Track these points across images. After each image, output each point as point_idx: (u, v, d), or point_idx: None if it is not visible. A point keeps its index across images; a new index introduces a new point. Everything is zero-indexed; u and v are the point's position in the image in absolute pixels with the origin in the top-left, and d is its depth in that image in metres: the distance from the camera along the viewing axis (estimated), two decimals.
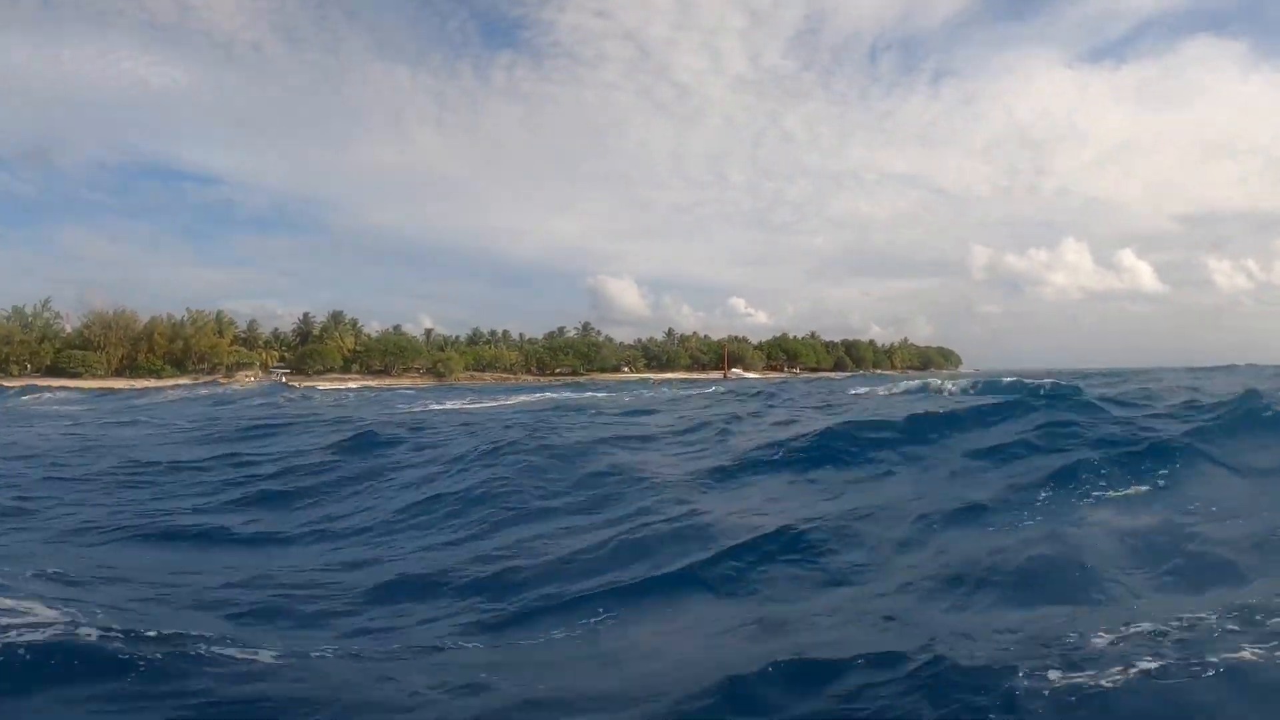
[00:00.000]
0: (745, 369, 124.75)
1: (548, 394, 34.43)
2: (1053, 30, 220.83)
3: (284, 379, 71.22)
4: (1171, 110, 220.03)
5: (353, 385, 66.51)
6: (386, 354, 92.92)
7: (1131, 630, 3.96)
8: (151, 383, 69.27)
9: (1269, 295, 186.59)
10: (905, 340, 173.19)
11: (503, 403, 25.93)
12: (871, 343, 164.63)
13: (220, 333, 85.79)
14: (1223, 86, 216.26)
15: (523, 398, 31.64)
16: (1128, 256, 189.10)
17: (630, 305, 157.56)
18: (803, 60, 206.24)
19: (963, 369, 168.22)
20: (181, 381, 68.96)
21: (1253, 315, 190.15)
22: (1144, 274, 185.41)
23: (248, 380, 65.81)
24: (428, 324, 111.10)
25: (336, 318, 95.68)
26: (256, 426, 18.97)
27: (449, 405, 25.38)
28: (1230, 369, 39.14)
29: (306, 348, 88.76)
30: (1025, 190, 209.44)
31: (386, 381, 79.67)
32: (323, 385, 64.79)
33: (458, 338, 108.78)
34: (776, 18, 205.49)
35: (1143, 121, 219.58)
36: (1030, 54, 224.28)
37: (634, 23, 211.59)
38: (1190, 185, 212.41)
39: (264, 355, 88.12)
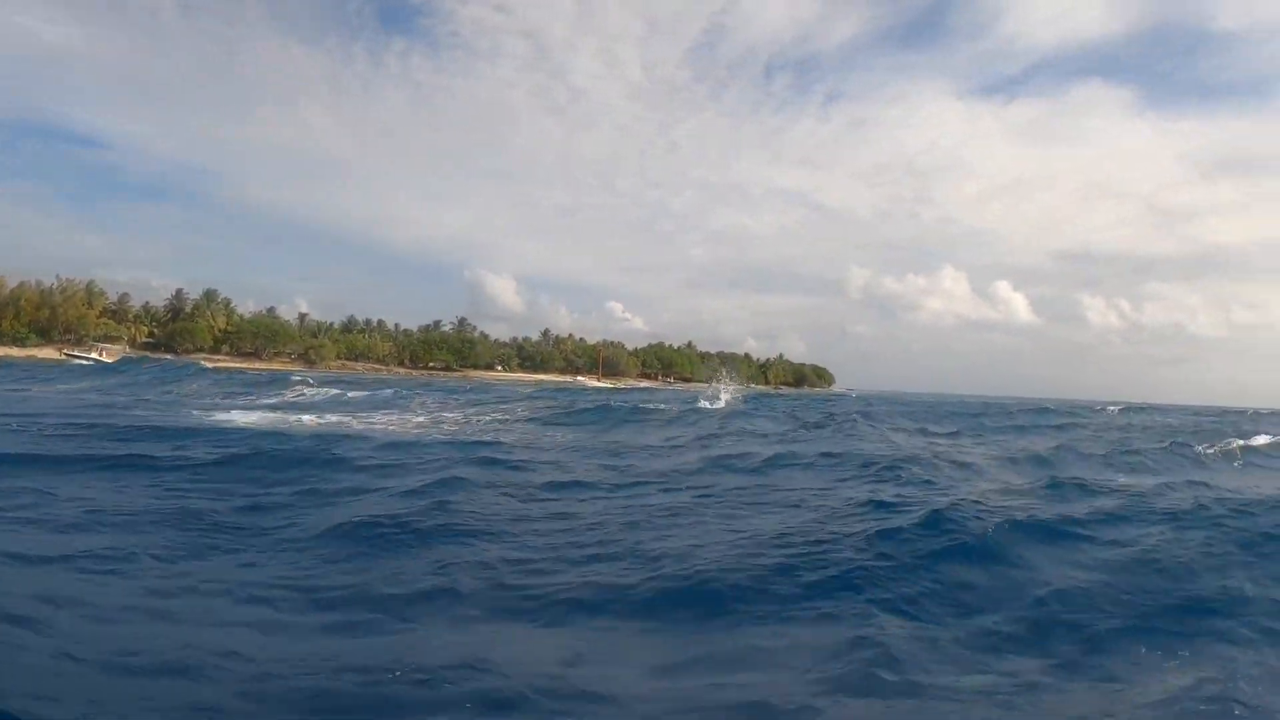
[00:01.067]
0: (619, 375, 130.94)
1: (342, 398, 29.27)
2: (947, 62, 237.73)
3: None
4: (1057, 150, 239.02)
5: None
6: (258, 336, 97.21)
7: None
8: (14, 351, 72.84)
9: (1138, 336, 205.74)
10: (781, 356, 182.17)
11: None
12: (747, 356, 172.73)
13: (90, 303, 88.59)
14: (1109, 131, 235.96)
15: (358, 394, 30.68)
16: (1004, 288, 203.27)
17: (508, 302, 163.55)
18: (698, 72, 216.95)
19: (834, 388, 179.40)
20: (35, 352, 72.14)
21: (1121, 355, 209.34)
22: (1019, 306, 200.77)
23: (107, 355, 69.23)
24: (304, 307, 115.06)
25: (210, 296, 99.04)
26: None
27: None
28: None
29: (177, 325, 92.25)
30: (907, 216, 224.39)
31: (255, 364, 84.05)
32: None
33: (332, 324, 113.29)
34: (676, 29, 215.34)
35: (1028, 159, 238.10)
36: (923, 84, 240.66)
37: (534, 21, 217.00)
38: (1070, 224, 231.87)
39: (133, 330, 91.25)
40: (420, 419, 21.23)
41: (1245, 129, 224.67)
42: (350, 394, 31.25)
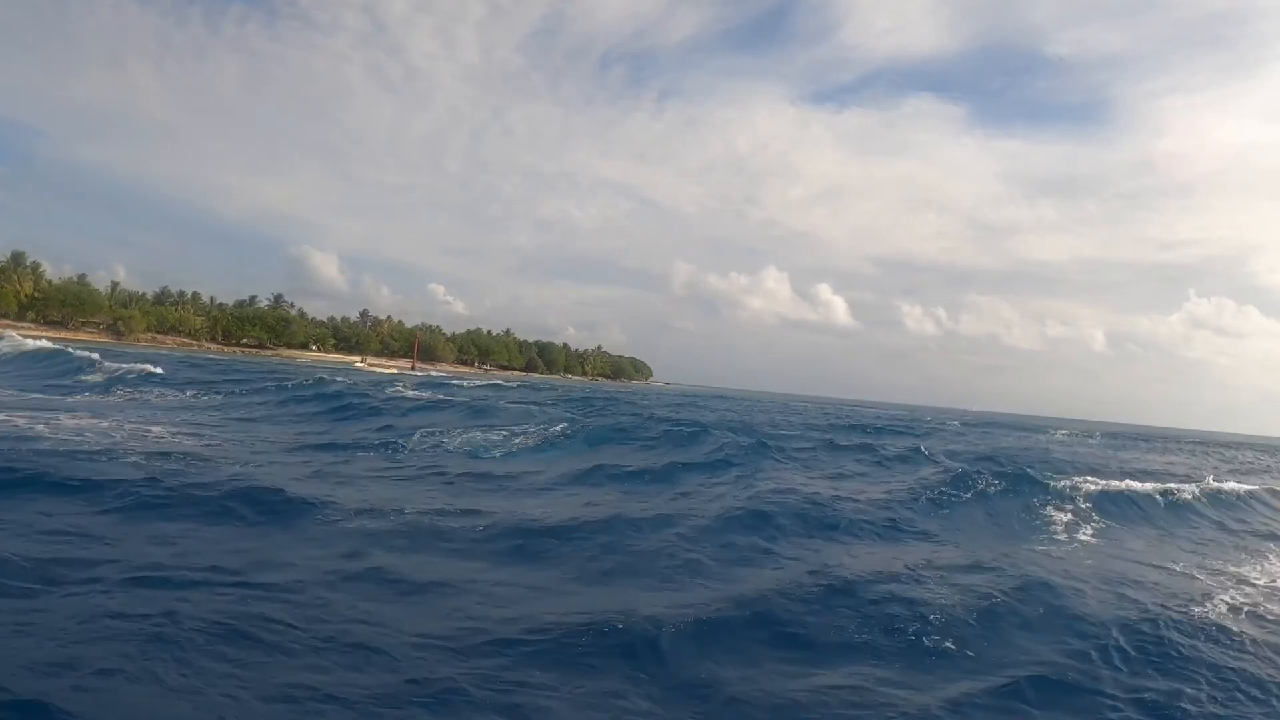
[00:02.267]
0: (435, 361, 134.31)
1: None
2: (782, 68, 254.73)
3: None
4: (884, 160, 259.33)
5: None
6: (65, 305, 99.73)
7: None
8: None
9: (953, 344, 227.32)
10: (599, 347, 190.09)
11: None
12: (565, 346, 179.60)
13: None
14: (936, 145, 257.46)
15: None
16: (825, 290, 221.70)
17: (330, 279, 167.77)
18: (534, 59, 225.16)
19: (652, 381, 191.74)
20: None
21: (937, 360, 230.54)
22: (839, 309, 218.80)
23: None
24: (123, 275, 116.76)
25: (18, 259, 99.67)
26: None
27: None
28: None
29: None
30: (734, 216, 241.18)
31: (58, 334, 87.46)
32: None
33: (144, 295, 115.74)
34: (515, 14, 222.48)
35: (855, 166, 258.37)
36: (757, 88, 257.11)
37: None
38: (891, 232, 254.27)
39: None
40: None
41: (1068, 152, 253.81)
42: None
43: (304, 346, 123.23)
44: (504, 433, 18.03)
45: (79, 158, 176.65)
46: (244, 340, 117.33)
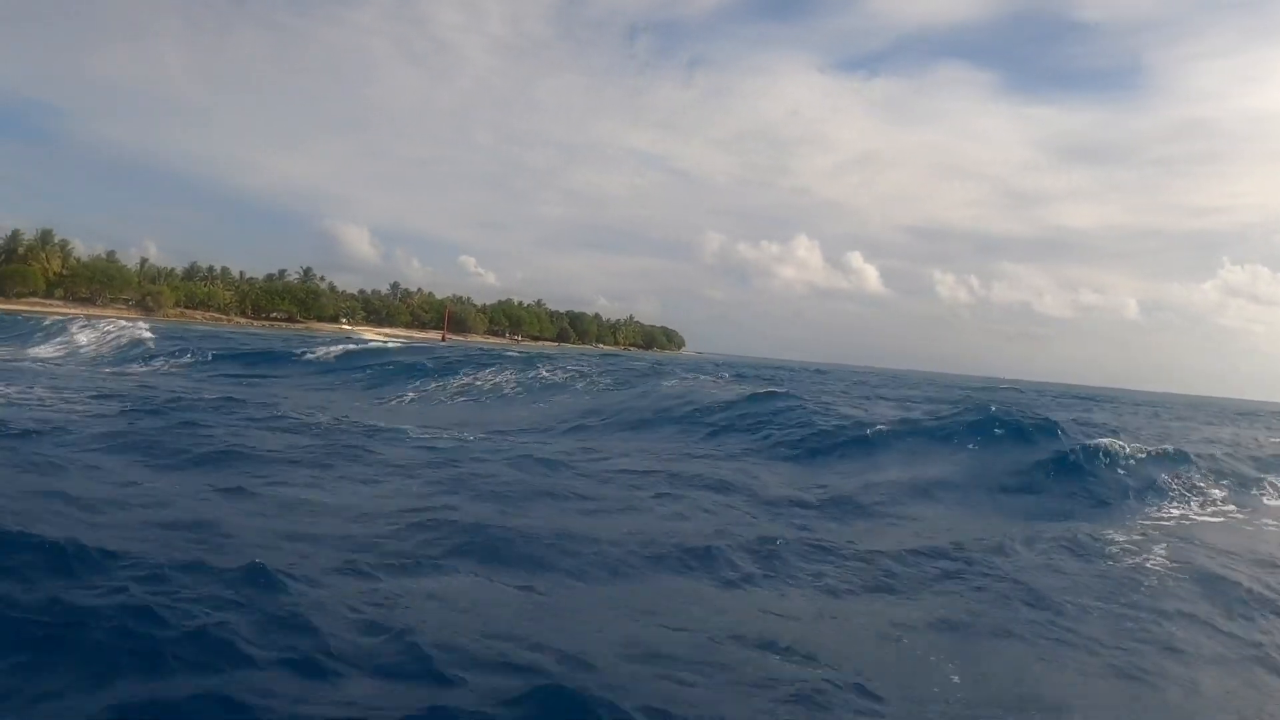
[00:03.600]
0: (467, 332, 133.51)
1: None
2: (811, 35, 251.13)
3: None
4: (914, 128, 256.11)
5: None
6: (94, 281, 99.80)
7: None
8: None
9: (985, 312, 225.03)
10: (631, 317, 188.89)
11: None
12: (597, 316, 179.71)
13: None
14: (967, 112, 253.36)
15: None
16: (856, 259, 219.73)
17: (361, 253, 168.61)
18: (561, 29, 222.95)
19: (684, 351, 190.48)
20: None
21: (969, 328, 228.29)
22: (870, 277, 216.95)
23: None
24: (153, 252, 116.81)
25: (45, 237, 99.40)
26: None
27: None
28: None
29: (8, 268, 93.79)
30: (764, 185, 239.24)
31: (87, 310, 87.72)
32: None
33: (174, 270, 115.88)
34: None
35: (886, 134, 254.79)
36: (786, 55, 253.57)
37: None
38: (923, 200, 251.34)
39: None
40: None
41: (1100, 119, 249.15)
42: None
43: (334, 320, 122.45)
44: None
45: (106, 136, 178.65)
46: (273, 314, 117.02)
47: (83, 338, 34.52)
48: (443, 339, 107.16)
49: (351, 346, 33.49)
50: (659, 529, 7.61)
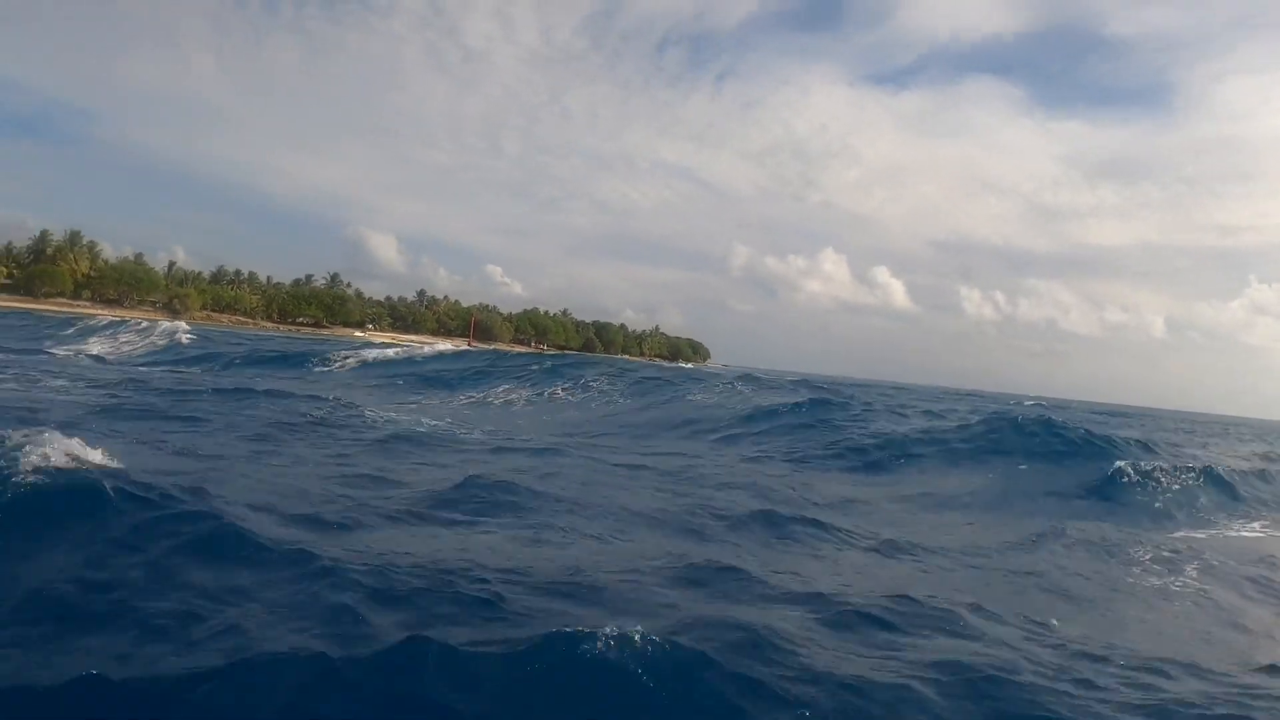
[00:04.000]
0: (492, 340, 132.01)
1: None
2: (841, 49, 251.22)
3: None
4: (943, 142, 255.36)
5: None
6: (121, 283, 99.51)
7: None
8: None
9: (1011, 328, 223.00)
10: (657, 328, 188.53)
11: None
12: (623, 326, 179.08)
13: None
14: (995, 127, 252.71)
15: None
16: (883, 273, 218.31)
17: (388, 260, 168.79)
18: (592, 41, 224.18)
19: (710, 363, 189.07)
20: None
21: (994, 345, 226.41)
22: (897, 292, 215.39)
23: None
24: (181, 256, 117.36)
25: (74, 238, 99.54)
26: None
27: None
28: None
29: (36, 268, 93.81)
30: (791, 198, 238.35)
31: (114, 311, 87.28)
32: None
33: (200, 274, 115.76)
34: None
35: (913, 148, 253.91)
36: (816, 69, 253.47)
37: None
38: (950, 215, 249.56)
39: None
40: None
41: (1129, 135, 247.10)
42: None
43: (360, 325, 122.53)
44: None
45: (136, 140, 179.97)
46: (299, 319, 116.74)
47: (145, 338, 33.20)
48: (469, 345, 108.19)
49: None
50: None
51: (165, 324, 38.09)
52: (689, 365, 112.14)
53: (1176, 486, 12.62)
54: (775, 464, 13.54)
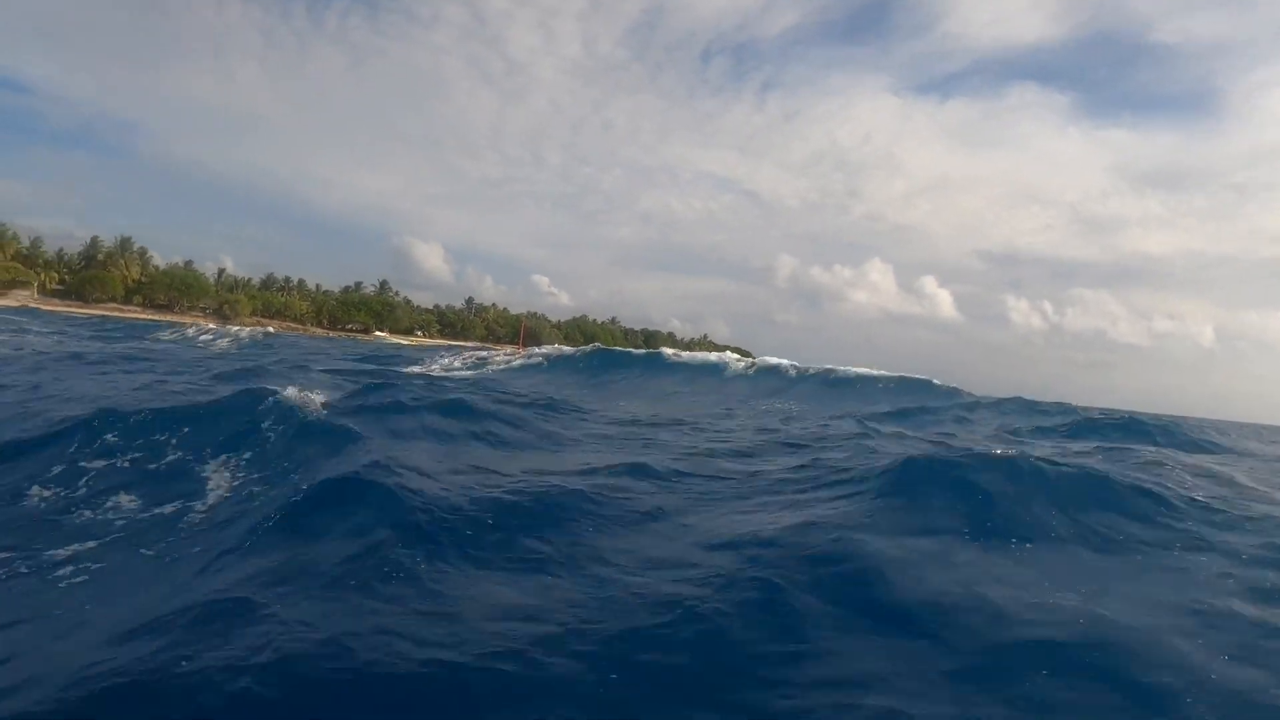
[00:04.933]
0: (539, 345, 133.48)
1: None
2: (884, 59, 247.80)
3: None
4: (988, 152, 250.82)
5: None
6: (172, 288, 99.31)
7: None
8: None
9: (1058, 338, 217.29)
10: (705, 337, 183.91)
11: None
12: (671, 335, 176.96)
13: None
14: (1041, 136, 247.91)
15: None
16: (929, 284, 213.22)
17: (434, 270, 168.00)
18: (635, 52, 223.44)
19: None
20: None
21: (1041, 355, 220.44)
22: (944, 302, 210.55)
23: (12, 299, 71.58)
24: (229, 264, 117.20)
25: (125, 244, 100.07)
26: None
27: None
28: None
29: (88, 273, 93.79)
30: (836, 209, 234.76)
31: (164, 315, 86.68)
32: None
33: (250, 280, 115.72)
34: (616, 6, 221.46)
35: (959, 158, 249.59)
36: (859, 79, 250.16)
37: None
38: (996, 225, 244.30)
39: (43, 276, 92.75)
40: None
41: (1176, 143, 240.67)
42: None
43: (409, 332, 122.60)
44: None
45: (181, 151, 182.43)
46: (349, 325, 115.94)
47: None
48: (520, 350, 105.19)
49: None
50: None
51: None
52: None
53: None
54: None
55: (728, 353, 35.07)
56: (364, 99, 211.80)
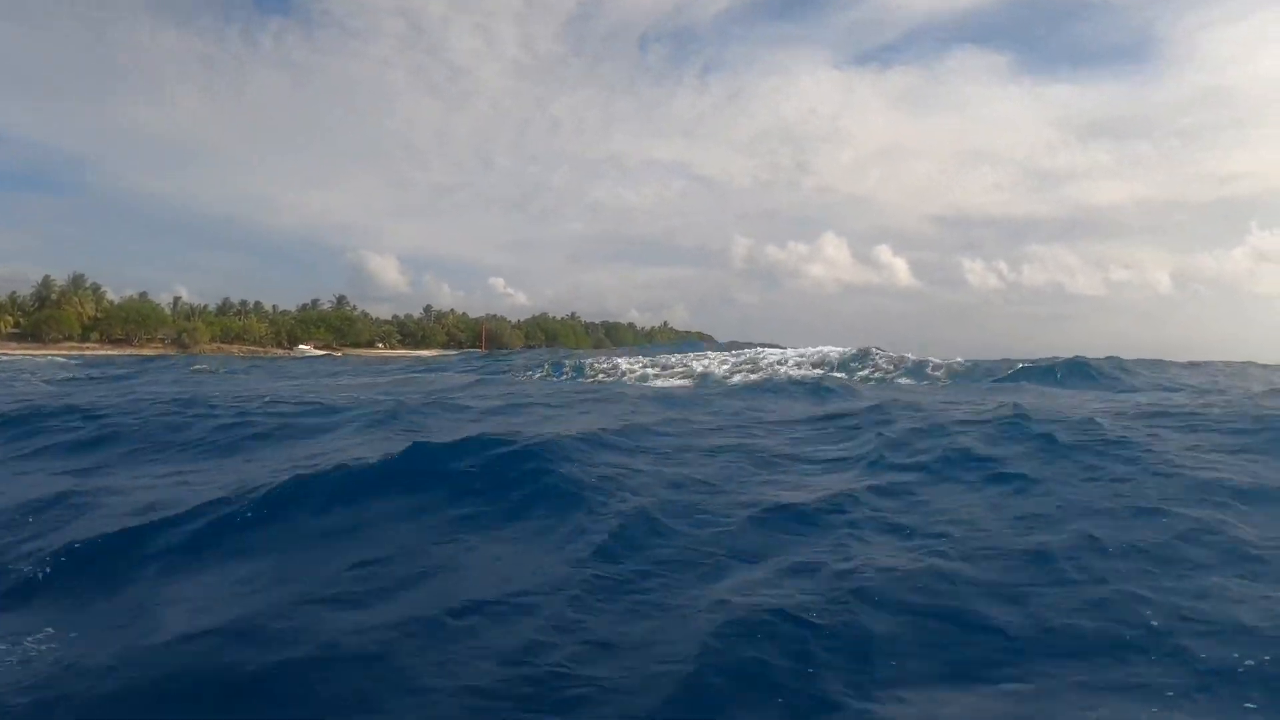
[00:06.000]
0: (504, 347, 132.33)
1: None
2: (822, 32, 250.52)
3: None
4: (932, 116, 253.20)
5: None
6: (128, 321, 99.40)
7: None
8: None
9: (1017, 296, 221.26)
10: (665, 324, 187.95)
11: None
12: (631, 325, 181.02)
13: None
14: (983, 97, 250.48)
15: None
16: (884, 253, 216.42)
17: (391, 282, 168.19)
18: (573, 46, 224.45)
19: None
20: None
21: (1000, 313, 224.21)
22: (900, 270, 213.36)
23: None
24: (184, 293, 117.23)
25: (77, 282, 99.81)
26: None
27: None
28: None
29: (43, 313, 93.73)
30: (787, 185, 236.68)
31: (123, 350, 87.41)
32: None
33: (206, 307, 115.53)
34: (551, 2, 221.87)
35: (904, 125, 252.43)
36: (799, 54, 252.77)
37: None
38: (947, 189, 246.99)
39: None
40: None
41: (1117, 92, 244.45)
42: None
43: (370, 345, 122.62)
44: None
45: (130, 185, 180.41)
46: (309, 344, 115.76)
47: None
48: (483, 352, 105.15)
49: None
50: None
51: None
52: None
53: None
54: None
55: None
56: (308, 117, 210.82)
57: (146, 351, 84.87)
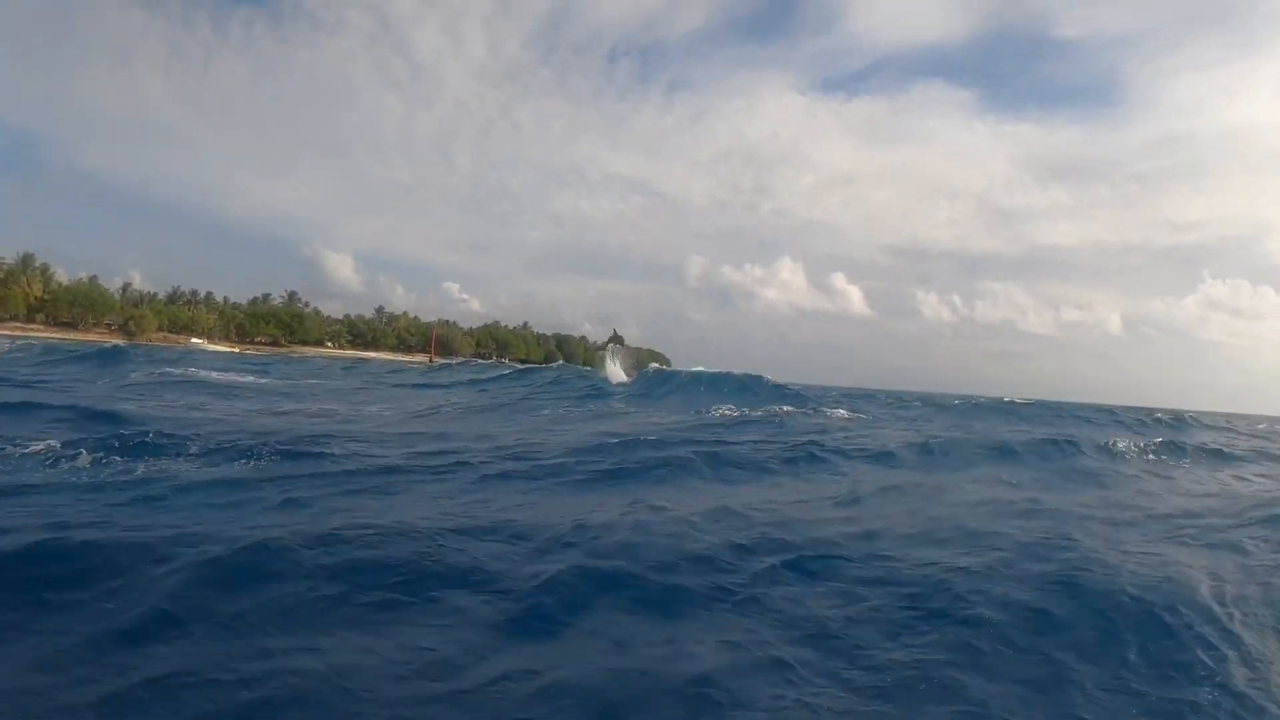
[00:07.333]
0: (454, 354, 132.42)
1: None
2: (790, 57, 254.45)
3: None
4: (894, 148, 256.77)
5: None
6: (76, 305, 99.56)
7: None
8: None
9: (968, 330, 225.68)
10: (616, 337, 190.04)
11: None
12: (583, 339, 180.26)
13: None
14: (946, 131, 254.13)
15: None
16: (840, 280, 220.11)
17: (345, 279, 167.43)
18: (541, 54, 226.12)
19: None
20: None
21: (952, 348, 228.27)
22: (854, 298, 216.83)
23: None
24: (136, 279, 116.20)
25: (26, 261, 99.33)
26: None
27: None
28: None
29: None
30: (745, 207, 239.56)
31: (67, 334, 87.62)
32: None
33: (156, 295, 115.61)
34: (522, 8, 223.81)
35: (865, 155, 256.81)
36: (765, 76, 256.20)
37: None
38: (904, 220, 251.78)
39: None
40: None
41: (1080, 135, 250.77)
42: None
43: (319, 343, 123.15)
44: None
45: (87, 165, 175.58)
46: (258, 339, 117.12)
47: None
48: (430, 361, 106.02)
49: None
50: None
51: None
52: None
53: None
54: None
55: None
56: (272, 107, 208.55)
57: (92, 337, 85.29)
